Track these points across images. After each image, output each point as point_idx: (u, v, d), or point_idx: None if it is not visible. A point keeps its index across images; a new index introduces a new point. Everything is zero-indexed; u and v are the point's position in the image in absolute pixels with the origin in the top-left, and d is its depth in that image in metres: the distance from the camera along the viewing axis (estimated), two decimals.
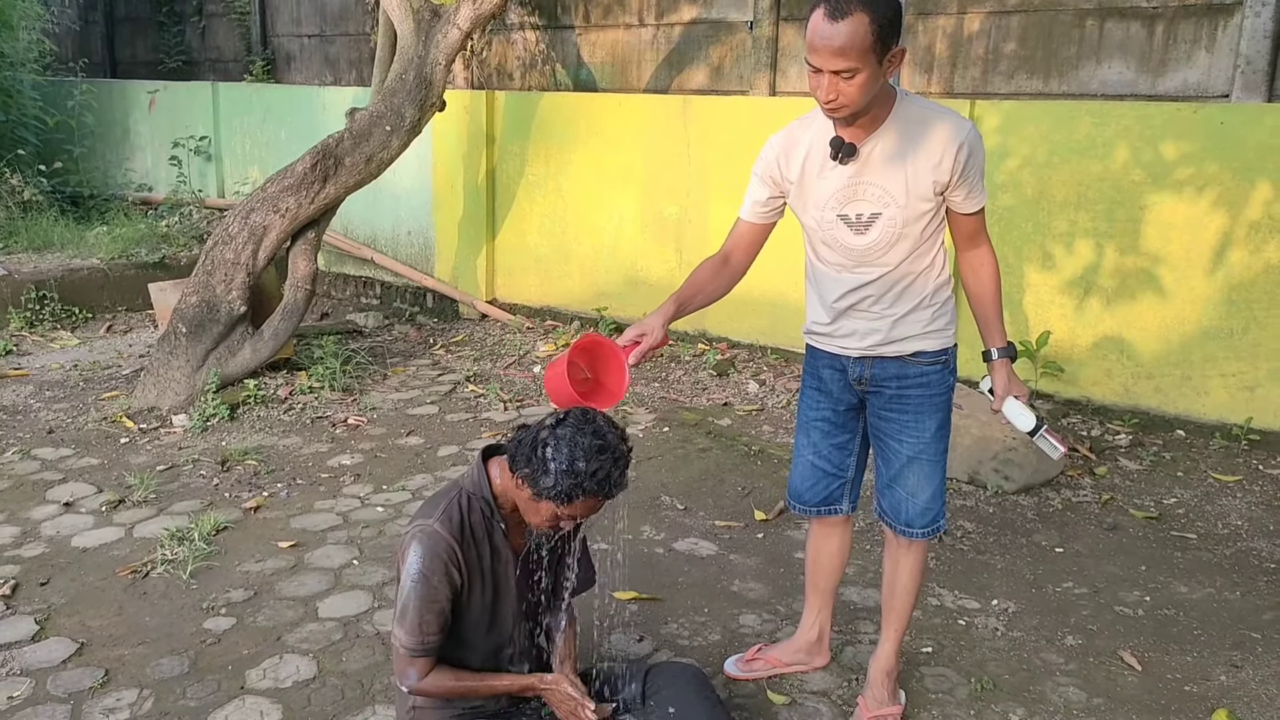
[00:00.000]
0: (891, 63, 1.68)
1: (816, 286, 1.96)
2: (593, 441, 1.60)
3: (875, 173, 1.79)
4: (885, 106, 1.77)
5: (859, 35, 1.61)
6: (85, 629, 2.36)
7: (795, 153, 1.86)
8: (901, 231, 1.81)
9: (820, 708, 2.10)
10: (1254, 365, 3.51)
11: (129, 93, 7.00)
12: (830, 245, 1.87)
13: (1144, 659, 2.28)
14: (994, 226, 3.86)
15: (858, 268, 1.86)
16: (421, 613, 1.66)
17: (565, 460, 1.59)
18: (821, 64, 1.66)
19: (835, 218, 1.84)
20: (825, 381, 2.01)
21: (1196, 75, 3.89)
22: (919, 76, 4.47)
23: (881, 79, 1.69)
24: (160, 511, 2.99)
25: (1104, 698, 2.14)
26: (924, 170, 1.77)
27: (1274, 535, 2.92)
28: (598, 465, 1.59)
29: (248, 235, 3.93)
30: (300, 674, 2.19)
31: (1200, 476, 3.33)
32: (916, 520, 1.96)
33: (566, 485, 1.59)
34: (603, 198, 4.90)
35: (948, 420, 1.96)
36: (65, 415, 3.77)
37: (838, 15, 1.62)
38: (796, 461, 2.10)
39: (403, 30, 4.17)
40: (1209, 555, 2.80)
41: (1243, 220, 3.46)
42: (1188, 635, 2.39)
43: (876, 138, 1.77)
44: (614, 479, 1.62)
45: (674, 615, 2.45)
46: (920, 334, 1.89)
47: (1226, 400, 3.57)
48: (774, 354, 4.48)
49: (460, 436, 3.66)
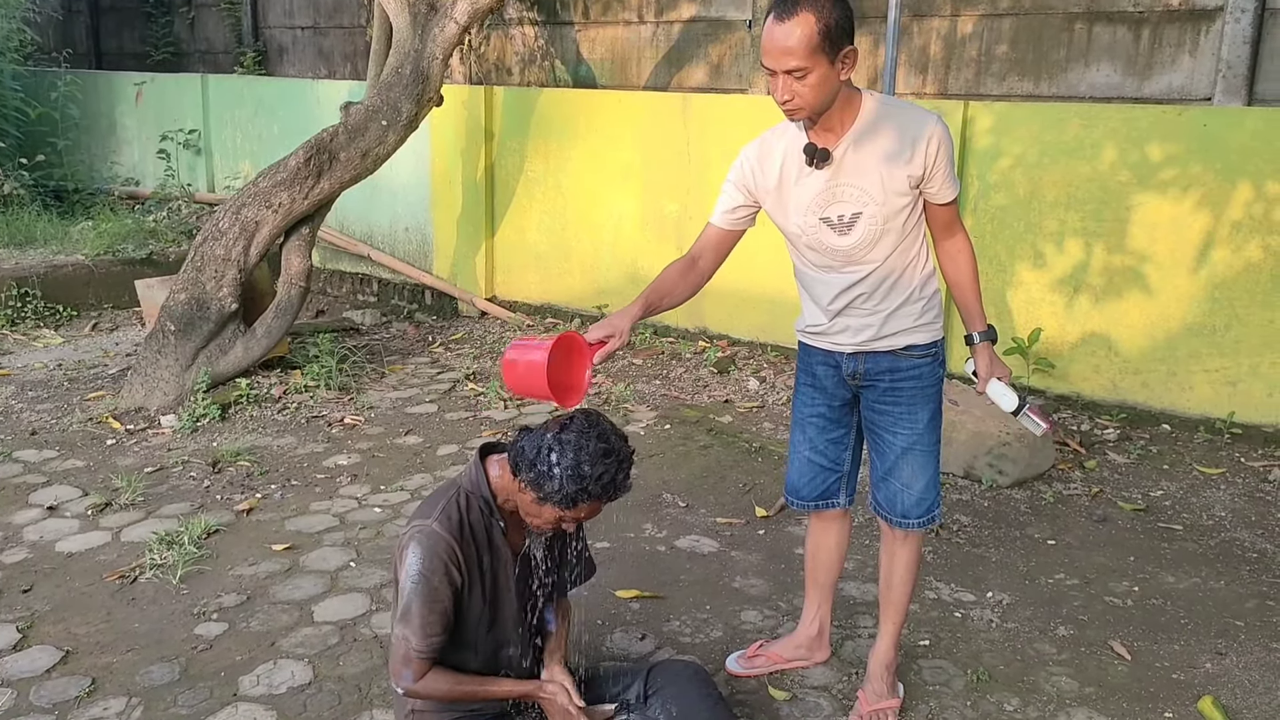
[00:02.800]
0: (845, 63, 1.74)
1: (809, 291, 2.01)
2: (598, 446, 1.61)
3: (851, 174, 1.84)
4: (853, 109, 1.82)
5: (806, 34, 1.68)
6: (71, 636, 2.31)
7: (770, 162, 1.91)
8: (883, 228, 1.86)
9: (821, 702, 2.14)
10: (1236, 361, 3.61)
11: (115, 84, 6.91)
12: (816, 249, 1.92)
13: (1133, 648, 2.36)
14: (987, 225, 3.97)
15: (845, 267, 1.91)
16: (424, 614, 1.65)
17: (570, 465, 1.60)
18: (773, 64, 1.72)
19: (817, 221, 1.89)
20: (819, 378, 2.06)
21: (1180, 79, 3.98)
22: (914, 77, 4.53)
23: (836, 79, 1.74)
24: (149, 515, 2.94)
25: (1095, 687, 2.22)
26: (897, 167, 1.82)
27: (1256, 526, 3.02)
28: (603, 469, 1.61)
29: (239, 231, 3.90)
30: (295, 679, 2.16)
31: (1185, 469, 3.43)
32: (912, 511, 2.01)
33: (572, 490, 1.60)
34: (602, 195, 4.92)
35: (939, 411, 2.02)
36: (49, 416, 3.71)
37: (784, 16, 1.70)
38: (793, 457, 2.15)
39: (399, 24, 4.16)
40: (1194, 546, 2.89)
41: (1225, 220, 3.56)
42: (1175, 624, 2.48)
43: (848, 140, 1.83)
44: (619, 483, 1.64)
45: (676, 613, 2.48)
46: (911, 328, 1.95)
47: (1210, 395, 3.68)
48: (774, 351, 4.53)
49: (459, 435, 3.67)
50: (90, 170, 6.95)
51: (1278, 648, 2.38)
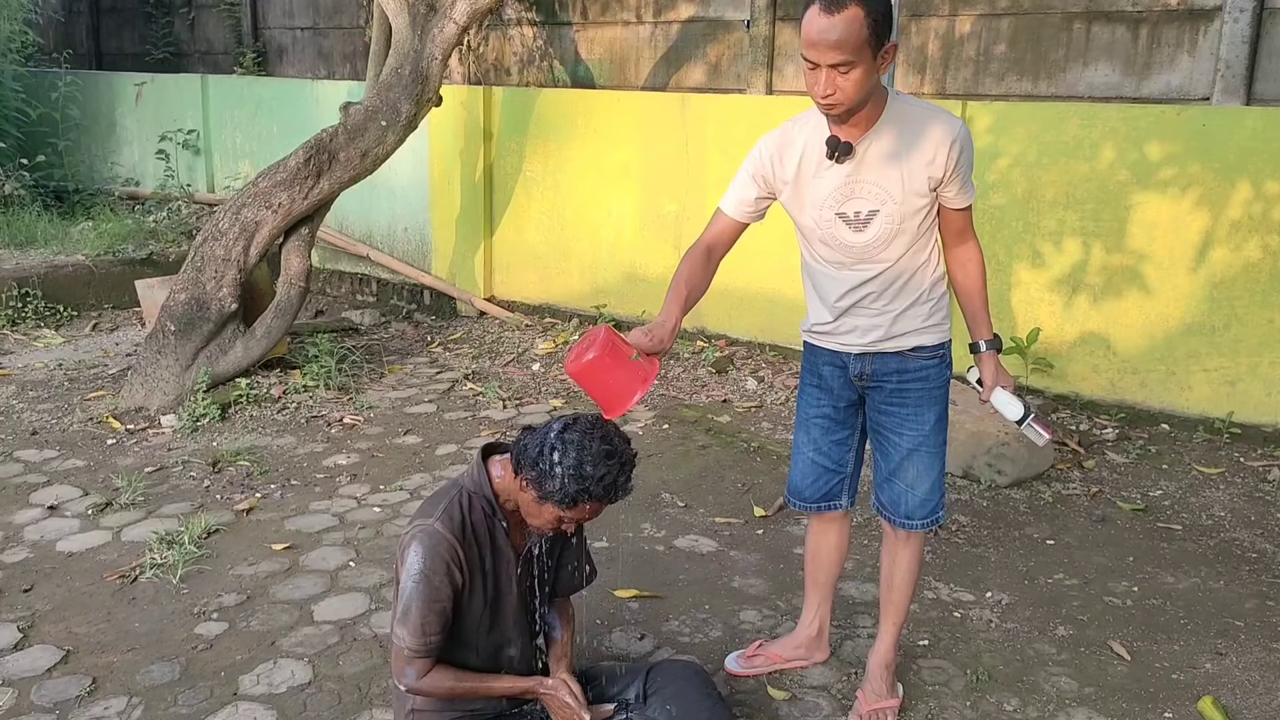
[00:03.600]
0: (885, 58, 1.73)
1: (816, 287, 2.00)
2: (600, 447, 1.62)
3: (872, 170, 1.84)
4: (879, 106, 1.81)
5: (855, 28, 1.66)
6: (71, 636, 2.32)
7: (790, 153, 1.89)
8: (899, 227, 1.86)
9: (820, 702, 2.15)
10: (1235, 360, 3.61)
11: (115, 85, 6.92)
12: (829, 244, 1.91)
13: (1132, 648, 2.36)
14: (985, 225, 3.96)
15: (857, 265, 1.90)
16: (424, 613, 1.66)
17: (573, 465, 1.60)
18: (819, 58, 1.69)
19: (834, 216, 1.88)
20: (825, 378, 2.05)
21: (1179, 78, 3.98)
22: (912, 77, 4.53)
23: (875, 75, 1.73)
24: (149, 514, 2.95)
25: (1095, 687, 2.22)
26: (919, 167, 1.81)
27: (1255, 526, 3.02)
28: (605, 470, 1.61)
29: (239, 231, 3.91)
30: (295, 679, 2.16)
31: (1184, 469, 3.43)
32: (916, 512, 2.01)
33: (573, 490, 1.61)
34: (601, 194, 4.93)
35: (945, 412, 2.01)
36: (49, 416, 3.72)
37: (834, 9, 1.66)
38: (796, 458, 2.14)
39: (398, 24, 4.17)
40: (1194, 546, 2.89)
41: (1224, 220, 3.56)
42: (1174, 624, 2.48)
43: (871, 136, 1.82)
44: (620, 484, 1.64)
45: (675, 613, 2.48)
46: (919, 329, 1.94)
47: (1209, 394, 3.68)
48: (772, 351, 4.53)
49: (459, 435, 3.68)
50: (90, 171, 6.96)
51: (1277, 648, 2.38)
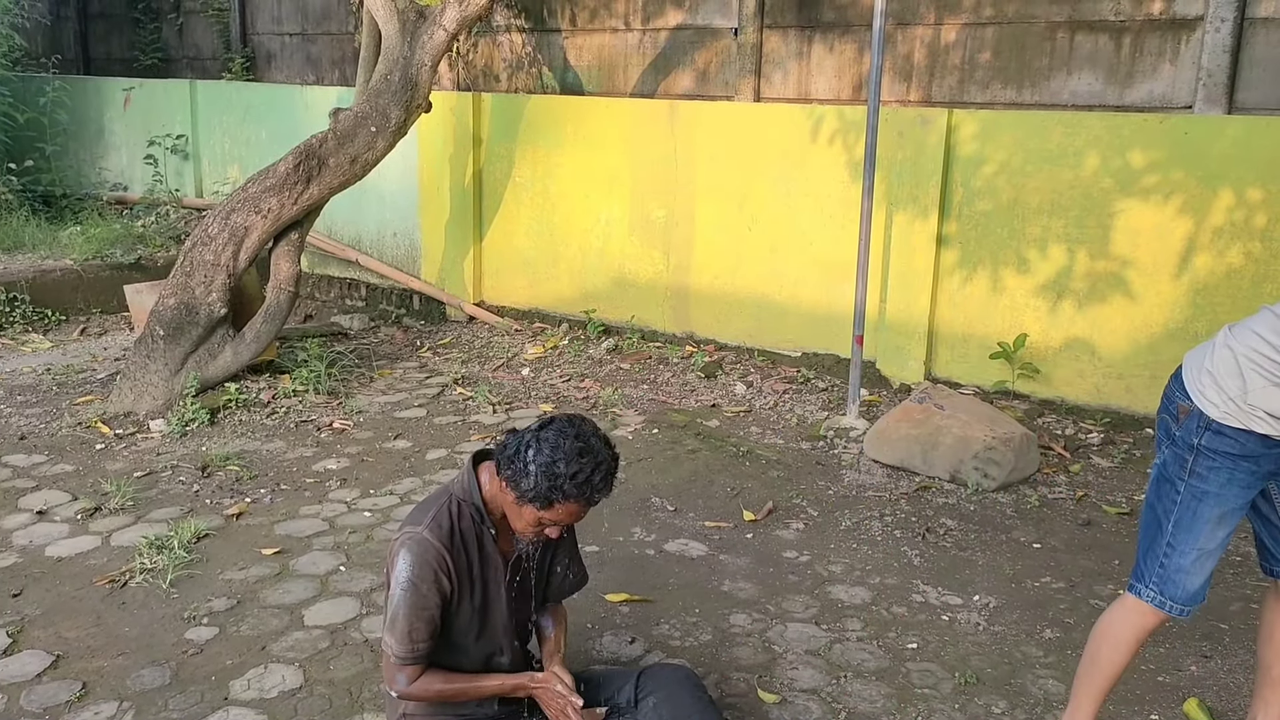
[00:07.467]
0: None
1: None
2: (574, 444, 1.60)
3: None
4: None
5: None
6: (61, 641, 2.32)
7: None
8: None
9: (810, 705, 2.15)
10: None
11: (103, 90, 6.90)
12: None
13: None
14: (971, 231, 4.00)
15: None
16: (411, 620, 1.66)
17: (545, 462, 1.59)
18: None
19: None
20: (1261, 473, 1.85)
21: (1161, 87, 4.03)
22: (898, 85, 4.57)
23: None
24: (138, 519, 2.94)
25: None
26: None
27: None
28: (577, 468, 1.59)
29: (228, 236, 3.91)
30: (286, 683, 2.17)
31: None
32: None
33: (545, 487, 1.59)
34: (590, 200, 4.94)
35: None
36: (38, 421, 3.71)
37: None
38: (1200, 562, 1.90)
39: (387, 31, 4.18)
40: None
41: (1206, 226, 3.60)
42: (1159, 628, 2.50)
43: None
44: (594, 483, 1.62)
45: (665, 616, 2.49)
46: None
47: None
48: (760, 355, 4.55)
49: (449, 439, 3.68)
50: (79, 175, 6.93)
51: None
